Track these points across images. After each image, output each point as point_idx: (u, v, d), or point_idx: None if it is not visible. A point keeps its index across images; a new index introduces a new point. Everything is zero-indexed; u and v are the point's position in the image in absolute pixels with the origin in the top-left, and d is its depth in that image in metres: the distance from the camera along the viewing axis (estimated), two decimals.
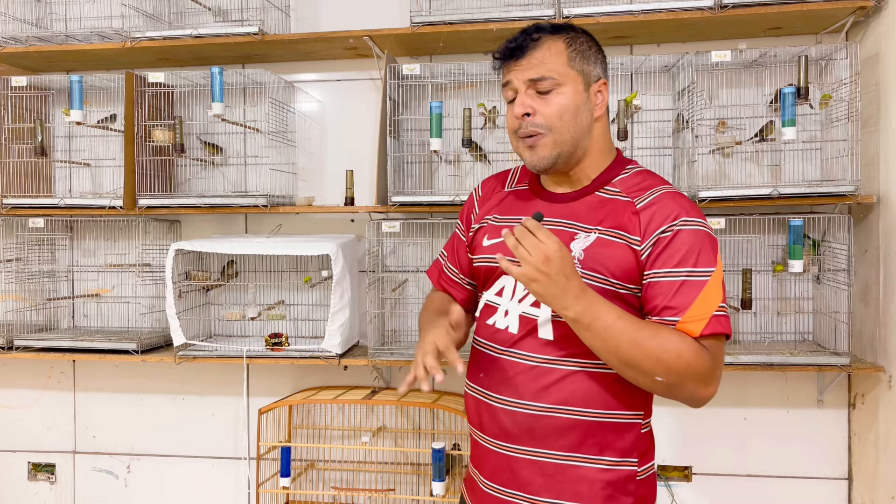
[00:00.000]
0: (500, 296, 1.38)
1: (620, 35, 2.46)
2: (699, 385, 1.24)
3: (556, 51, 1.33)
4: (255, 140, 2.73)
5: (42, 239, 2.78)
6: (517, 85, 1.35)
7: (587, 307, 1.21)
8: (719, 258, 1.28)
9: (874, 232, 2.30)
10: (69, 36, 2.60)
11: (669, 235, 1.25)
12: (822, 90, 2.41)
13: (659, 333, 1.22)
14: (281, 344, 2.46)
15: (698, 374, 1.22)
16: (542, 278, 1.20)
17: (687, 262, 1.24)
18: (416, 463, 2.67)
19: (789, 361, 2.23)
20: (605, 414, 1.30)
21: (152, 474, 2.85)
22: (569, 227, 1.33)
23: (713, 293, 1.24)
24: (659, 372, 1.21)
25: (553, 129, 1.32)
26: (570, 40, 1.35)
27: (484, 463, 1.40)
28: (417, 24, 2.37)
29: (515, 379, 1.32)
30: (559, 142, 1.33)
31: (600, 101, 1.37)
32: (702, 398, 1.26)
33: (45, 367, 2.90)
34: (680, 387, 1.23)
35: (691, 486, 2.57)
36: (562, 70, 1.32)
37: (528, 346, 1.32)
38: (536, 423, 1.31)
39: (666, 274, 1.25)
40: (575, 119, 1.33)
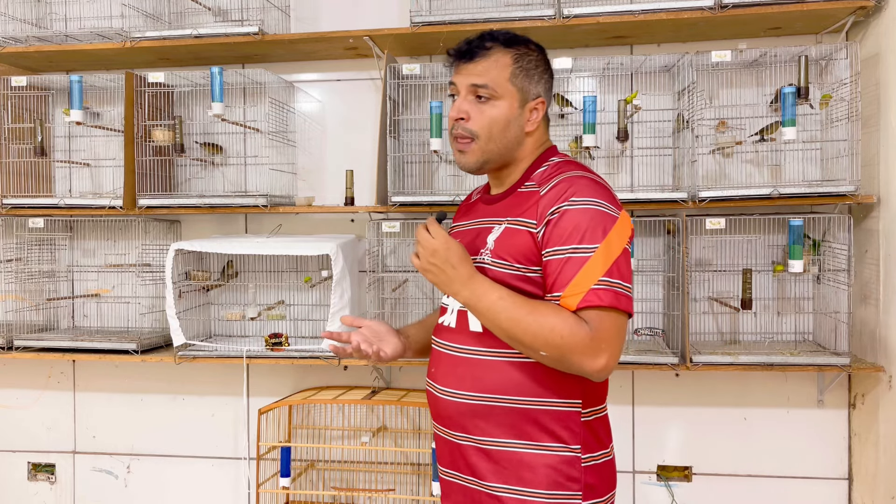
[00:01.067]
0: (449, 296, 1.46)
1: (620, 35, 2.46)
2: (583, 357, 1.27)
3: (502, 64, 1.42)
4: (255, 140, 2.73)
5: (42, 239, 2.78)
6: (460, 88, 1.45)
7: (473, 290, 1.33)
8: (612, 236, 1.31)
9: (874, 232, 2.30)
10: (69, 36, 2.60)
11: (557, 216, 1.32)
12: (823, 90, 2.41)
13: (536, 310, 1.29)
14: (281, 344, 2.46)
15: (576, 346, 1.26)
16: (432, 268, 1.35)
17: (571, 239, 1.30)
18: (416, 463, 2.67)
19: (789, 361, 2.23)
20: (538, 402, 1.36)
21: (152, 474, 2.85)
22: (488, 224, 1.44)
23: (595, 268, 1.28)
24: (539, 346, 1.28)
25: (481, 138, 1.42)
26: (518, 56, 1.43)
27: (441, 452, 1.48)
28: (417, 24, 2.37)
29: (457, 371, 1.41)
30: (485, 150, 1.43)
31: (535, 117, 1.45)
32: (591, 371, 1.28)
33: (45, 367, 2.90)
34: (564, 360, 1.28)
35: (691, 486, 2.57)
36: (502, 84, 1.41)
37: (462, 339, 1.42)
38: (476, 411, 1.38)
39: (554, 252, 1.32)
40: (504, 132, 1.42)
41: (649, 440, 2.59)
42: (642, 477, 2.59)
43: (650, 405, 2.59)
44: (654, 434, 2.59)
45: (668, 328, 2.47)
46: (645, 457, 2.59)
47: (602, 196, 1.34)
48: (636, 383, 2.59)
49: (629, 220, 1.36)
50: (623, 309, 1.29)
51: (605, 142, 2.50)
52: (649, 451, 2.59)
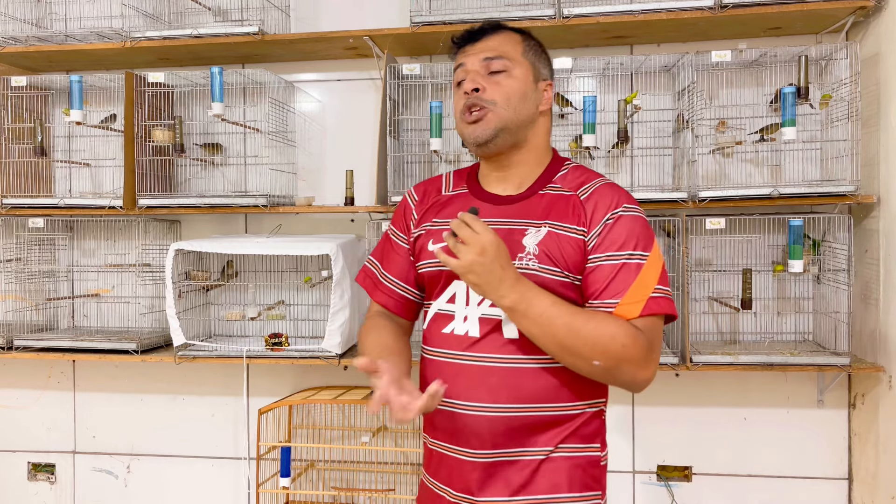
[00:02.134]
0: (453, 302, 1.37)
1: (620, 35, 2.46)
2: (636, 368, 1.25)
3: (513, 41, 1.41)
4: (255, 140, 2.73)
5: (42, 239, 2.78)
6: (470, 66, 1.40)
7: (522, 294, 1.24)
8: (656, 244, 1.32)
9: (874, 232, 2.30)
10: (69, 36, 2.60)
11: (612, 221, 1.30)
12: (823, 90, 2.41)
13: (594, 317, 1.25)
14: (281, 344, 2.46)
15: (634, 356, 1.24)
16: (478, 268, 1.22)
17: (627, 245, 1.29)
18: (417, 463, 2.67)
19: (789, 361, 2.23)
20: (574, 406, 1.34)
21: (152, 474, 2.85)
22: (518, 225, 1.35)
23: (650, 276, 1.28)
24: (596, 356, 1.23)
25: (498, 105, 1.35)
26: (525, 38, 1.44)
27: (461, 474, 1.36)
28: (417, 24, 2.37)
29: (488, 382, 1.31)
30: (503, 118, 1.36)
31: (546, 98, 1.42)
32: (640, 381, 1.27)
33: (45, 367, 2.90)
34: (617, 370, 1.25)
35: (691, 486, 2.57)
36: (515, 56, 1.39)
37: (490, 346, 1.32)
38: (513, 423, 1.31)
39: (608, 257, 1.28)
40: (522, 102, 1.37)
41: (649, 440, 2.59)
42: (642, 477, 2.59)
43: (650, 405, 2.59)
44: (654, 434, 2.59)
45: (668, 328, 2.47)
46: (645, 457, 2.59)
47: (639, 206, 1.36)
48: None
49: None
50: (674, 314, 1.31)
51: (605, 142, 2.50)
52: (649, 451, 2.59)
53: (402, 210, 1.54)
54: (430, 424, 1.43)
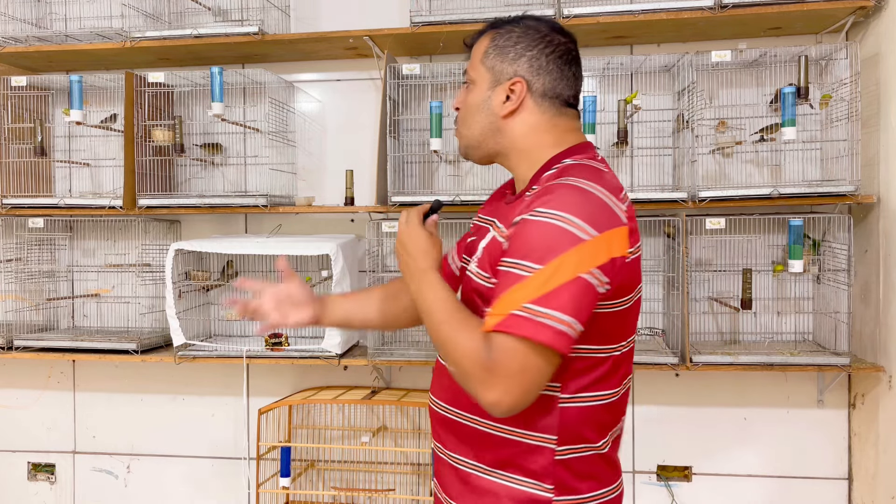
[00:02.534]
0: None
1: (620, 35, 2.46)
2: (475, 384, 1.12)
3: (480, 49, 1.33)
4: (255, 140, 2.73)
5: (42, 239, 2.78)
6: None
7: (419, 284, 1.27)
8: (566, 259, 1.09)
9: (874, 232, 2.30)
10: (69, 36, 2.60)
11: (518, 225, 1.16)
12: (822, 90, 2.41)
13: (463, 322, 1.17)
14: (281, 344, 2.46)
15: (469, 371, 1.12)
16: (399, 251, 1.33)
17: (517, 253, 1.13)
18: (416, 463, 2.67)
19: (789, 361, 2.23)
20: (509, 430, 1.23)
21: (152, 474, 2.85)
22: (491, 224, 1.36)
23: (527, 291, 1.10)
24: (449, 359, 1.18)
25: (459, 125, 1.37)
26: (496, 36, 1.32)
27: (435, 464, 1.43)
28: (417, 24, 2.37)
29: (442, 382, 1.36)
30: (464, 136, 1.36)
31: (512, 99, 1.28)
32: (484, 402, 1.11)
33: (45, 367, 2.90)
34: (462, 380, 1.16)
35: (691, 486, 2.57)
36: (476, 67, 1.33)
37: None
38: (452, 427, 1.31)
39: (503, 263, 1.16)
40: (473, 117, 1.32)
41: (649, 440, 2.59)
42: (642, 477, 2.59)
43: (650, 405, 2.59)
44: (654, 434, 2.58)
45: (668, 328, 2.47)
46: (645, 457, 2.59)
47: (577, 211, 1.12)
48: (636, 383, 2.59)
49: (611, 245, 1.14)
50: (543, 342, 1.08)
51: (605, 142, 2.50)
52: (649, 451, 2.59)
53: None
54: None
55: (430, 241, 1.31)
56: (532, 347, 1.09)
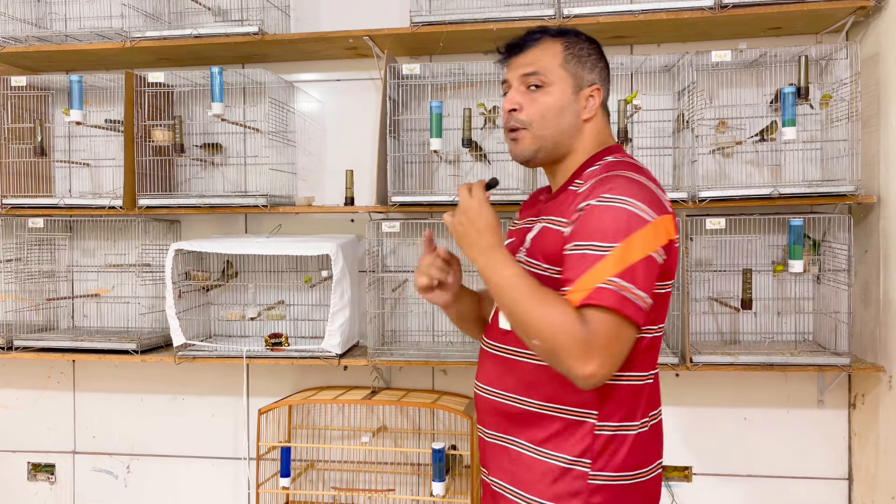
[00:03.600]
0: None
1: (620, 35, 2.46)
2: (570, 359, 1.18)
3: (553, 52, 1.39)
4: (255, 140, 2.73)
5: (42, 239, 2.78)
6: (511, 81, 1.42)
7: (488, 260, 1.28)
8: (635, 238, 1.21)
9: (874, 232, 2.30)
10: (69, 36, 2.60)
11: (585, 211, 1.27)
12: (823, 90, 2.41)
13: (545, 297, 1.22)
14: (281, 344, 2.46)
15: (566, 345, 1.18)
16: (458, 228, 1.32)
17: (592, 236, 1.23)
18: (416, 463, 2.67)
19: (789, 361, 2.23)
20: (554, 407, 1.32)
21: (152, 474, 2.85)
22: (533, 223, 1.42)
23: (608, 267, 1.20)
24: (533, 334, 1.22)
25: (534, 126, 1.38)
26: (568, 44, 1.40)
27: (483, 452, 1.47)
28: (417, 24, 2.37)
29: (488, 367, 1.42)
30: (538, 137, 1.38)
31: (591, 104, 1.40)
32: (578, 375, 1.18)
33: (45, 367, 2.90)
34: (553, 355, 1.20)
35: (691, 486, 2.57)
36: (554, 70, 1.38)
37: (493, 335, 1.43)
38: (499, 409, 1.38)
39: (573, 248, 1.25)
40: (557, 119, 1.38)
41: None
42: None
43: None
44: None
45: (668, 328, 2.47)
46: None
47: (638, 196, 1.24)
48: None
49: (668, 228, 1.27)
50: (628, 315, 1.19)
51: None
52: None
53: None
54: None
55: (496, 216, 1.33)
56: (620, 319, 1.20)
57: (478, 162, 2.60)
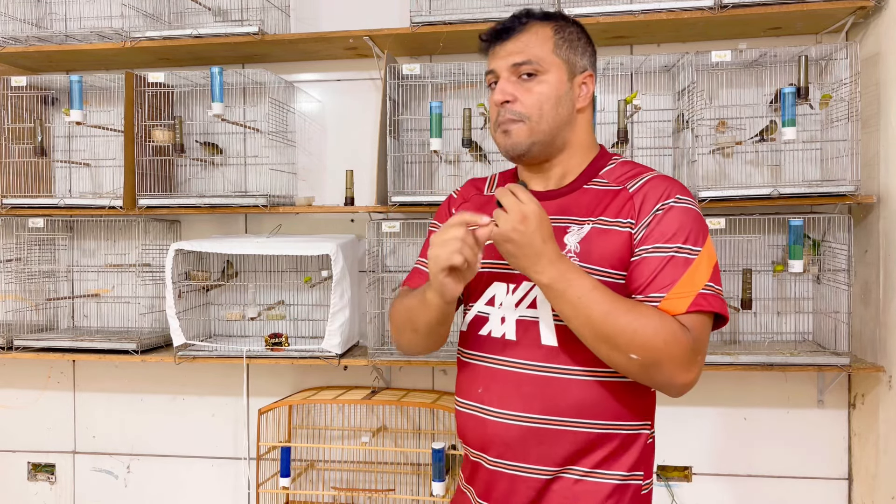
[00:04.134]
0: (492, 305, 1.31)
1: (620, 35, 2.46)
2: (677, 368, 1.16)
3: (544, 36, 1.30)
4: (255, 140, 2.73)
5: (42, 239, 2.78)
6: (500, 71, 1.31)
7: (562, 273, 1.16)
8: (710, 240, 1.23)
9: (874, 232, 2.30)
10: (69, 36, 2.60)
11: (663, 212, 1.22)
12: (823, 90, 2.41)
13: (636, 308, 1.16)
14: (281, 344, 2.46)
15: (675, 355, 1.15)
16: (517, 237, 1.15)
17: (678, 238, 1.20)
18: (416, 463, 2.67)
19: (789, 361, 2.23)
20: (614, 425, 1.25)
21: (152, 474, 2.85)
22: (560, 223, 1.28)
23: (701, 272, 1.18)
24: (633, 349, 1.14)
25: (531, 118, 1.28)
26: (558, 28, 1.32)
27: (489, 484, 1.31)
28: (417, 24, 2.37)
29: (522, 390, 1.25)
30: (536, 130, 1.29)
31: (584, 93, 1.32)
32: (680, 384, 1.18)
33: (45, 367, 2.90)
34: (656, 367, 1.15)
35: (691, 486, 2.57)
36: (546, 57, 1.29)
37: (530, 353, 1.25)
38: (542, 435, 1.24)
39: (655, 249, 1.20)
40: (555, 109, 1.29)
41: None
42: None
43: None
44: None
45: None
46: None
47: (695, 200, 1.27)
48: None
49: None
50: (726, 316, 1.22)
51: (605, 142, 2.50)
52: None
53: (445, 207, 1.49)
54: (463, 430, 1.36)
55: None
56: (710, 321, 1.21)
57: (478, 162, 2.60)
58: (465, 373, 1.36)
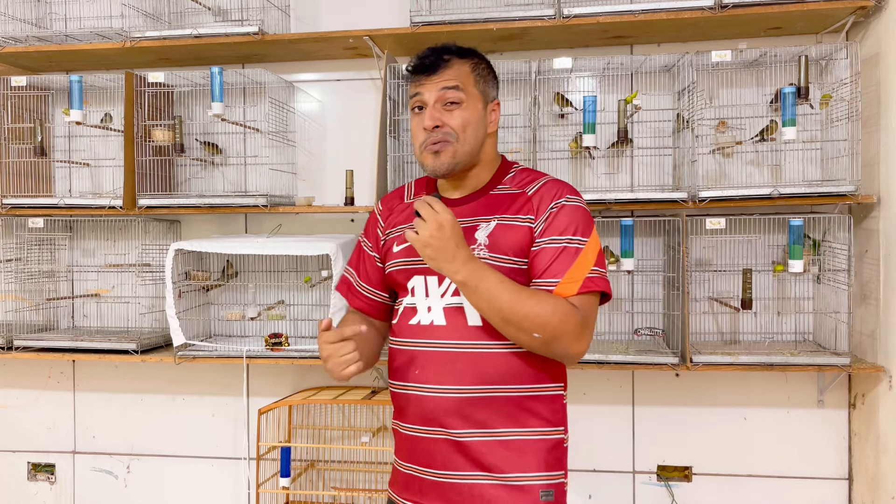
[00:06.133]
0: (414, 296, 1.52)
1: (620, 35, 2.46)
2: (571, 341, 1.39)
3: (464, 72, 1.53)
4: (255, 140, 2.73)
5: (42, 239, 2.78)
6: (427, 98, 1.51)
7: (474, 271, 1.37)
8: (595, 232, 1.49)
9: (874, 232, 2.30)
10: (69, 36, 2.60)
11: (556, 210, 1.47)
12: (823, 90, 2.41)
13: (536, 295, 1.40)
14: (281, 344, 2.46)
15: (569, 330, 1.38)
16: (434, 243, 1.36)
17: (568, 231, 1.45)
18: None
19: (789, 361, 2.23)
20: (535, 388, 1.47)
21: (152, 474, 2.85)
22: (471, 223, 1.51)
23: (588, 258, 1.44)
24: (536, 329, 1.37)
25: (458, 140, 1.50)
26: (473, 65, 1.56)
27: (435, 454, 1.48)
28: (417, 24, 2.37)
29: (456, 366, 1.45)
30: (460, 151, 1.50)
31: (493, 119, 1.57)
32: (574, 354, 1.42)
33: (45, 367, 2.90)
34: (554, 343, 1.39)
35: (691, 486, 2.57)
36: (468, 89, 1.52)
37: (460, 334, 1.46)
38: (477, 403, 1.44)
39: (550, 241, 1.45)
40: (475, 132, 1.52)
41: (649, 440, 2.59)
42: (642, 477, 2.59)
43: (650, 405, 2.59)
44: (654, 434, 2.58)
45: (668, 328, 2.47)
46: (645, 457, 2.59)
47: (582, 198, 1.53)
48: (636, 383, 2.59)
49: None
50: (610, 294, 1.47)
51: (605, 142, 2.50)
52: (649, 451, 2.59)
53: (371, 222, 1.70)
54: (401, 411, 1.55)
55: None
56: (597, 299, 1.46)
57: None
58: (399, 359, 1.55)
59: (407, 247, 1.53)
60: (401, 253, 1.57)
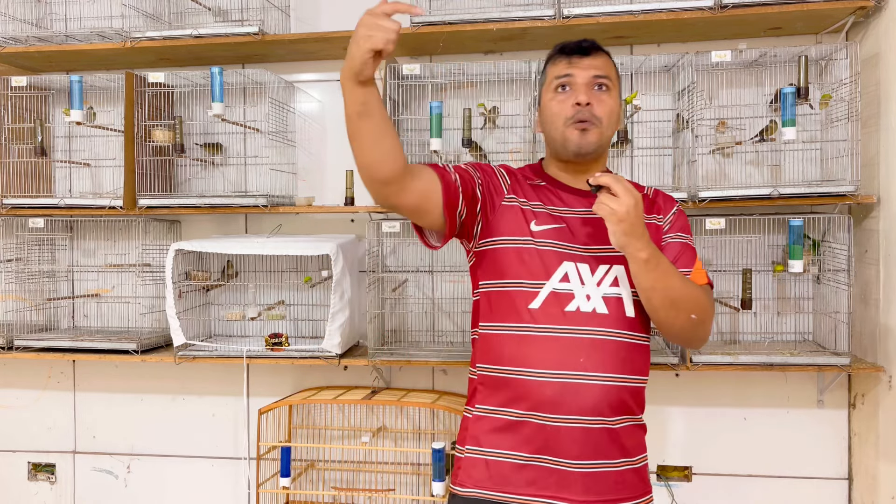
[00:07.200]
0: (568, 281, 1.49)
1: (620, 35, 2.46)
2: (710, 324, 1.53)
3: (610, 64, 1.59)
4: (255, 140, 2.73)
5: (42, 239, 2.78)
6: (578, 79, 1.53)
7: (655, 251, 1.43)
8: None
9: (874, 232, 2.30)
10: (69, 36, 2.60)
11: (677, 212, 1.63)
12: (822, 90, 2.41)
13: (688, 280, 1.51)
14: (281, 344, 2.46)
15: (712, 314, 1.53)
16: (632, 218, 1.38)
17: (685, 231, 1.61)
18: (416, 463, 2.67)
19: (789, 361, 2.23)
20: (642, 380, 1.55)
21: (152, 474, 2.85)
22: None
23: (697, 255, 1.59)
24: (695, 309, 1.46)
25: (603, 124, 1.53)
26: (614, 64, 1.63)
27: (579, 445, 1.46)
28: (417, 24, 2.37)
29: (619, 356, 1.48)
30: (603, 135, 1.55)
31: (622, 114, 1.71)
32: (705, 337, 1.55)
33: (45, 367, 2.90)
34: (702, 324, 1.49)
35: (691, 486, 2.57)
36: (614, 78, 1.58)
37: (620, 324, 1.50)
38: (625, 393, 1.50)
39: (677, 237, 1.58)
40: (616, 121, 1.59)
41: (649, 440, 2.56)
42: None
43: (650, 405, 2.54)
44: (654, 434, 2.56)
45: None
46: None
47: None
48: None
49: None
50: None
51: None
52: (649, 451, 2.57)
53: (492, 171, 1.60)
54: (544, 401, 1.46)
55: None
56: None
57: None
58: (552, 347, 1.47)
59: (556, 228, 1.52)
60: (549, 234, 1.51)
